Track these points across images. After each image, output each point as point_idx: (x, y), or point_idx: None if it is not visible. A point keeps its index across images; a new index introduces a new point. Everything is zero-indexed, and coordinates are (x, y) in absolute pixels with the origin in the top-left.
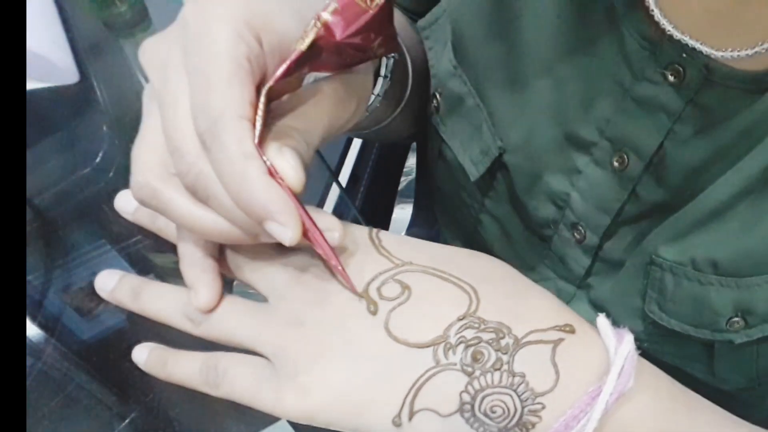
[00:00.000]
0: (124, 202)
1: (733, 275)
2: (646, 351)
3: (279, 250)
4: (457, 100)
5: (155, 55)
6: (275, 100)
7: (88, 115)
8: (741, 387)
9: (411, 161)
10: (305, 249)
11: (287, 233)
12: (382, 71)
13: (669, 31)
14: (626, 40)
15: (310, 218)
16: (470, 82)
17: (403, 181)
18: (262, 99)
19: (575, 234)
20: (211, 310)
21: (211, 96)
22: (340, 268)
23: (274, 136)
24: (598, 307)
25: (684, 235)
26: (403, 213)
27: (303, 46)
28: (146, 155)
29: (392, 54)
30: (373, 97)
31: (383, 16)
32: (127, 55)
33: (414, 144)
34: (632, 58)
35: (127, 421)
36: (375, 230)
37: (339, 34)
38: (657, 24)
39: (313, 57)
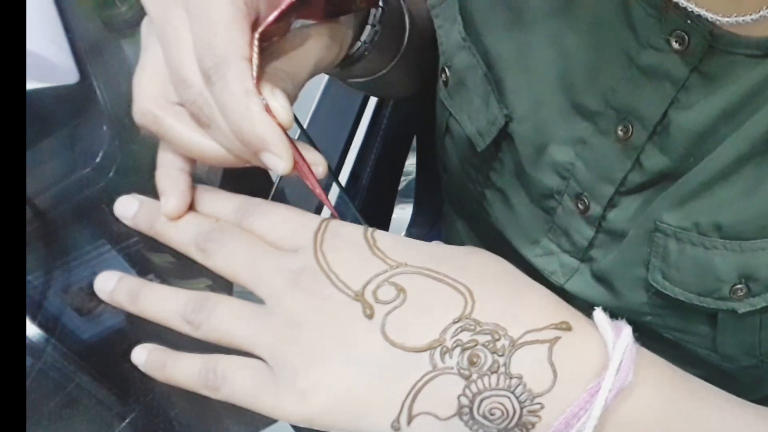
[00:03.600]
0: (123, 208)
1: (737, 238)
2: (648, 326)
3: (277, 253)
4: (465, 72)
5: None
6: (266, 43)
7: (88, 115)
8: (743, 365)
9: (411, 161)
10: (303, 251)
11: (281, 164)
12: (370, 20)
13: None
14: (632, 7)
15: (300, 153)
16: (478, 53)
17: (403, 181)
18: (256, 42)
19: (579, 205)
20: (212, 312)
21: (216, 37)
22: (325, 197)
23: (266, 78)
24: (601, 280)
25: (688, 200)
26: (403, 213)
27: None
28: (147, 84)
29: (379, 5)
30: (359, 44)
31: None
32: (127, 55)
33: (414, 144)
34: (638, 25)
35: (127, 421)
36: (370, 230)
37: None
38: None
39: (302, 5)
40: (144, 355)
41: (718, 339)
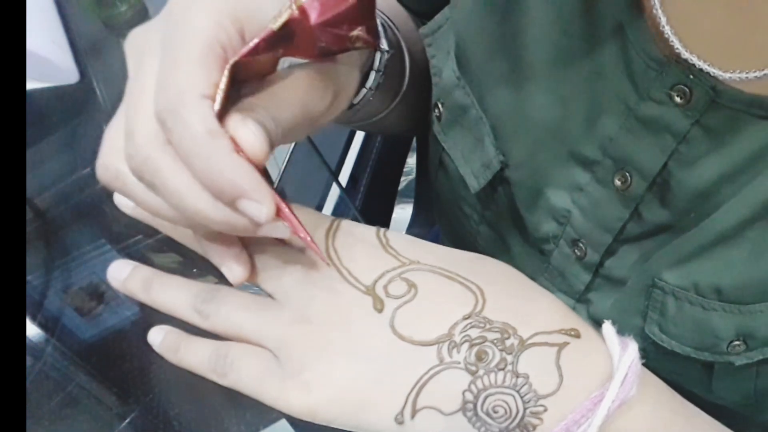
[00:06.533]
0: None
1: (736, 302)
2: (644, 367)
3: (284, 250)
4: (460, 111)
5: (136, 43)
6: (245, 81)
7: (88, 115)
8: (738, 404)
9: (411, 161)
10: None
11: (262, 210)
12: (375, 65)
13: (678, 49)
14: (633, 59)
15: (276, 193)
16: (473, 95)
17: (403, 181)
18: (225, 73)
19: (576, 250)
20: (221, 304)
21: (176, 74)
22: (309, 239)
23: (237, 110)
24: (597, 323)
25: (688, 259)
26: (403, 213)
27: (275, 25)
28: (113, 139)
29: (386, 50)
30: (365, 90)
31: (363, 8)
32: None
33: (414, 144)
34: (638, 77)
35: (127, 421)
36: (382, 230)
37: (314, 19)
38: (665, 42)
39: (285, 39)
40: (160, 336)
41: (713, 384)
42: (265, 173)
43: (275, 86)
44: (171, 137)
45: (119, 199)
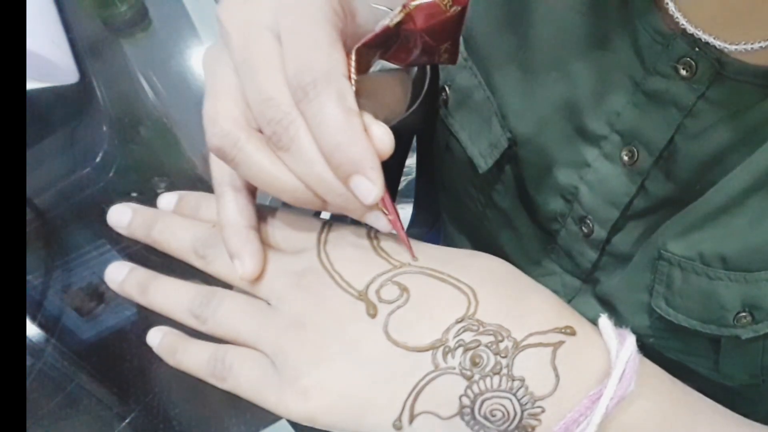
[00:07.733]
0: (117, 217)
1: (742, 270)
2: (651, 347)
3: (280, 255)
4: (466, 92)
5: (238, 15)
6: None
7: (88, 115)
8: (745, 383)
9: (411, 161)
10: (306, 253)
11: (374, 190)
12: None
13: (683, 24)
14: (639, 33)
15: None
16: (480, 75)
17: (403, 181)
18: (354, 58)
19: (583, 228)
20: (218, 307)
21: (318, 54)
22: (403, 235)
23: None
24: (604, 302)
25: (693, 229)
26: (403, 213)
27: (391, 23)
28: (227, 108)
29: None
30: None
31: (457, 24)
32: (127, 55)
33: (414, 143)
34: (644, 51)
35: (127, 421)
36: (373, 230)
37: (420, 24)
38: (670, 17)
39: (389, 41)
40: (158, 338)
41: (720, 361)
42: None
43: (374, 89)
44: (308, 108)
45: (113, 219)
